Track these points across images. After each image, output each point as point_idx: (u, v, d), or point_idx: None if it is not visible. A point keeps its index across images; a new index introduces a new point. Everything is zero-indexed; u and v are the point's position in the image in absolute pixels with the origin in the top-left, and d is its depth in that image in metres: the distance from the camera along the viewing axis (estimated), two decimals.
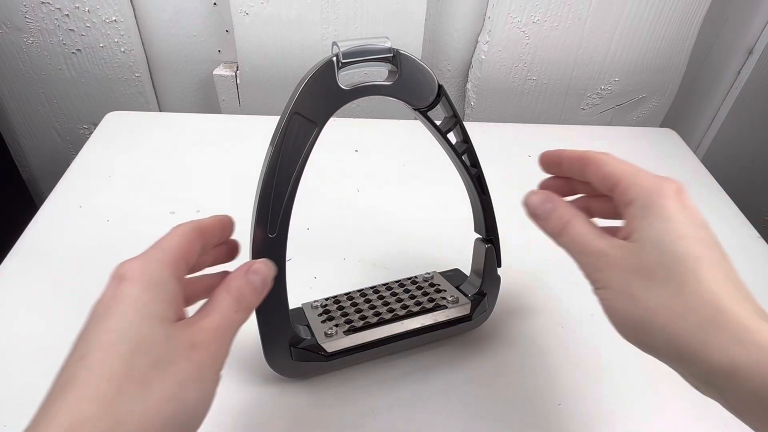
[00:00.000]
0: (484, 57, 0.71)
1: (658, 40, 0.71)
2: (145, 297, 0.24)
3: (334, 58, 0.30)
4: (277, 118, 0.32)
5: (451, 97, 0.35)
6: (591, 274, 0.28)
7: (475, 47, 0.74)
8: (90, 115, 0.79)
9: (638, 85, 0.76)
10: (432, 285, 0.42)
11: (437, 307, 0.39)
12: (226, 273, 0.28)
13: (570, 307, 0.46)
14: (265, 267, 0.29)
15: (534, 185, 0.56)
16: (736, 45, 0.78)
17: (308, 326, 0.38)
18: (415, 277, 0.43)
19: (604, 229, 0.30)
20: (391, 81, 0.32)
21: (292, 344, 0.35)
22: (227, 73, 0.73)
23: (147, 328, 0.23)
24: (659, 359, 0.27)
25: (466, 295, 0.41)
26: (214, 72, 0.73)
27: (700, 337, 0.24)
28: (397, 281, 0.42)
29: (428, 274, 0.43)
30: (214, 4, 0.70)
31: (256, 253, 0.31)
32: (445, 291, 0.41)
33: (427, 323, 0.39)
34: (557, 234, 0.30)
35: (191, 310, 0.27)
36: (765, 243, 0.54)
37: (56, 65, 0.73)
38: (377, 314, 0.38)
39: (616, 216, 0.31)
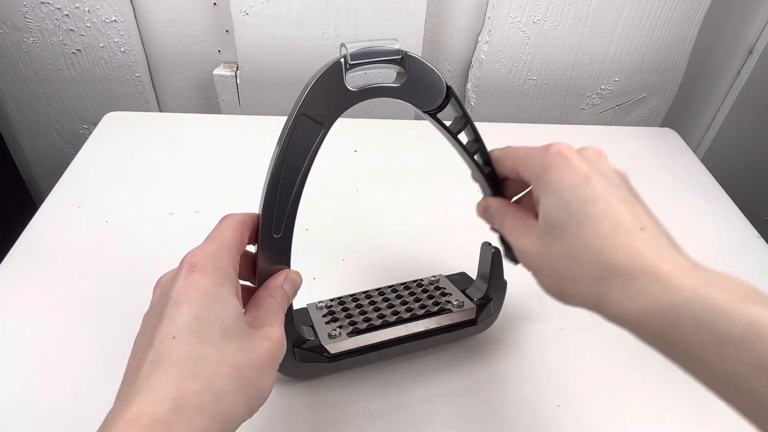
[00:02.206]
0: (484, 57, 0.71)
1: (658, 40, 0.71)
2: (222, 289, 0.26)
3: (342, 60, 0.29)
4: (277, 117, 0.31)
5: None
6: (524, 264, 0.31)
7: (475, 47, 0.74)
8: (90, 115, 0.79)
9: (638, 85, 0.76)
10: (438, 288, 0.41)
11: (442, 311, 0.39)
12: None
13: (573, 309, 0.46)
14: (297, 277, 0.32)
15: None
16: (736, 45, 0.78)
17: (312, 327, 0.38)
18: (421, 280, 0.42)
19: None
20: (399, 83, 0.31)
21: (296, 345, 0.35)
22: (227, 73, 0.73)
23: (230, 318, 0.25)
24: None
25: (471, 300, 0.40)
26: (214, 72, 0.73)
27: (596, 295, 0.26)
28: (402, 284, 0.42)
29: (434, 277, 0.43)
30: (214, 4, 0.70)
31: (263, 254, 0.31)
32: (451, 295, 0.41)
33: (431, 327, 0.39)
34: (500, 232, 0.34)
35: None
36: (765, 243, 0.54)
37: (56, 65, 0.73)
38: (381, 317, 0.38)
39: None
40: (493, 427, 0.37)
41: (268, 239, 0.31)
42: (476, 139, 0.34)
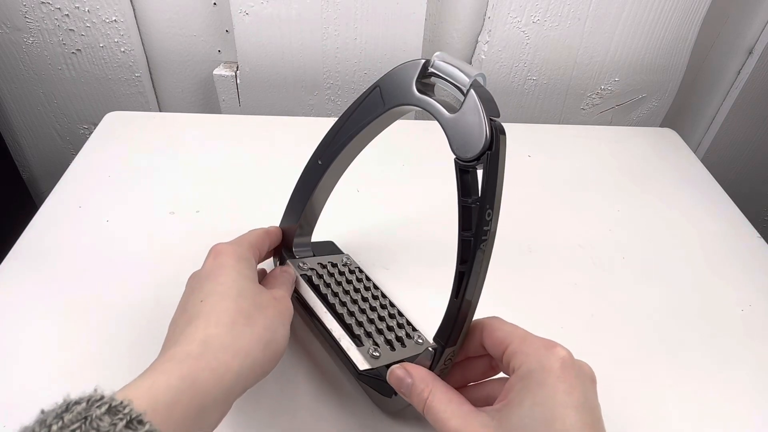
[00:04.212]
0: (484, 57, 0.71)
1: (658, 40, 0.71)
2: (239, 265, 0.33)
3: (425, 62, 0.30)
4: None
5: None
6: None
7: (475, 47, 0.74)
8: (90, 115, 0.79)
9: (638, 85, 0.76)
10: (400, 339, 0.37)
11: (356, 337, 0.36)
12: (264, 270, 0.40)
13: (570, 308, 0.46)
14: (292, 269, 0.40)
15: (534, 185, 0.56)
16: (736, 45, 0.78)
17: (312, 251, 0.43)
18: (414, 328, 0.39)
19: (488, 386, 0.32)
20: (451, 114, 0.29)
21: (285, 249, 0.42)
22: (227, 73, 0.73)
23: (245, 283, 0.32)
24: None
25: (387, 367, 0.33)
26: (214, 72, 0.73)
27: None
28: (399, 311, 0.40)
29: (422, 339, 0.38)
30: (214, 4, 0.70)
31: (304, 172, 0.39)
32: (392, 349, 0.36)
33: (331, 331, 0.36)
34: (421, 410, 0.30)
35: None
36: (765, 243, 0.54)
37: (56, 65, 0.73)
38: (334, 293, 0.39)
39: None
40: None
41: (312, 163, 0.38)
42: (480, 226, 0.29)
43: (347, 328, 0.36)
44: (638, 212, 0.57)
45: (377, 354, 0.35)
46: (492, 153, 0.27)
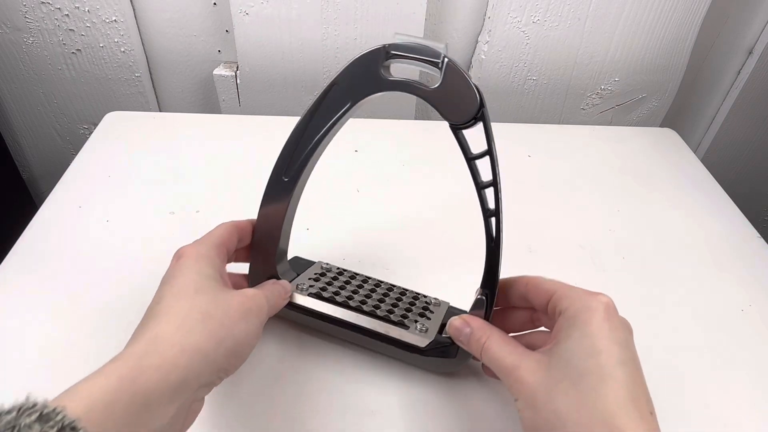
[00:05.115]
0: (484, 57, 0.71)
1: (658, 40, 0.71)
2: (198, 264, 0.32)
3: (385, 46, 0.31)
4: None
5: None
6: (509, 387, 0.31)
7: (475, 47, 0.74)
8: (90, 115, 0.79)
9: (638, 85, 0.76)
10: (426, 308, 0.40)
11: (400, 324, 0.37)
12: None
13: None
14: (287, 284, 0.38)
15: (534, 185, 0.56)
16: (736, 45, 0.78)
17: (297, 275, 0.41)
18: (425, 295, 0.41)
19: (531, 337, 0.34)
20: (434, 86, 0.31)
21: (271, 278, 0.39)
22: (227, 73, 0.73)
23: (203, 281, 0.31)
24: None
25: (440, 333, 0.38)
26: (214, 72, 0.73)
27: None
28: (403, 289, 0.42)
29: (437, 300, 0.41)
30: (214, 4, 0.70)
31: (267, 191, 0.36)
32: (428, 319, 0.39)
33: (377, 330, 0.38)
34: (478, 354, 0.33)
35: None
36: (765, 243, 0.54)
37: (56, 65, 0.73)
38: (350, 298, 0.39)
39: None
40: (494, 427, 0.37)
41: (276, 180, 0.36)
42: (494, 175, 0.32)
43: (385, 320, 0.38)
44: (638, 212, 0.57)
45: (425, 327, 0.37)
46: (485, 108, 0.31)
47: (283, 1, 0.65)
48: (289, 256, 0.42)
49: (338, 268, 0.43)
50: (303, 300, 0.39)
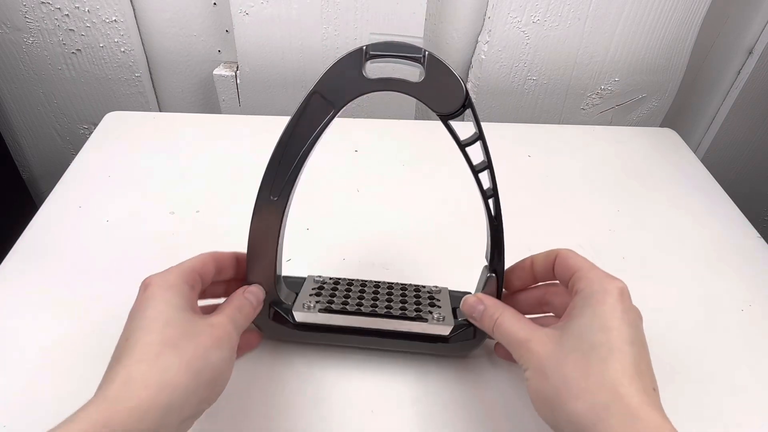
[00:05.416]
0: (484, 57, 0.71)
1: (658, 40, 0.71)
2: (166, 294, 0.31)
3: (364, 48, 0.31)
4: (278, 117, 0.32)
5: None
6: (519, 359, 0.32)
7: (475, 47, 0.74)
8: (90, 115, 0.79)
9: (638, 85, 0.76)
10: (431, 298, 0.40)
11: (418, 318, 0.38)
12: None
13: None
14: (258, 290, 0.37)
15: (534, 185, 0.56)
16: (736, 45, 0.78)
17: (296, 294, 0.40)
18: (423, 286, 0.42)
19: (540, 321, 0.35)
20: (419, 80, 0.31)
21: (273, 304, 0.38)
22: (227, 73, 0.73)
23: (172, 312, 0.30)
24: None
25: (456, 318, 0.39)
26: (214, 72, 0.73)
27: (591, 417, 0.27)
28: (402, 284, 0.42)
29: (436, 287, 0.42)
30: (214, 4, 0.70)
31: (256, 213, 0.34)
32: (439, 308, 0.39)
33: (398, 329, 0.38)
34: (491, 330, 0.34)
35: None
36: (765, 243, 0.54)
37: (56, 65, 0.73)
38: (359, 305, 0.38)
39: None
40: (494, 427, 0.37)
41: (264, 200, 0.34)
42: (487, 158, 0.33)
43: (403, 318, 0.38)
44: (638, 212, 0.57)
45: (442, 316, 0.38)
46: (468, 97, 0.31)
47: (283, 1, 0.65)
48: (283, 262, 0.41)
49: (330, 278, 0.42)
50: (316, 318, 0.38)
